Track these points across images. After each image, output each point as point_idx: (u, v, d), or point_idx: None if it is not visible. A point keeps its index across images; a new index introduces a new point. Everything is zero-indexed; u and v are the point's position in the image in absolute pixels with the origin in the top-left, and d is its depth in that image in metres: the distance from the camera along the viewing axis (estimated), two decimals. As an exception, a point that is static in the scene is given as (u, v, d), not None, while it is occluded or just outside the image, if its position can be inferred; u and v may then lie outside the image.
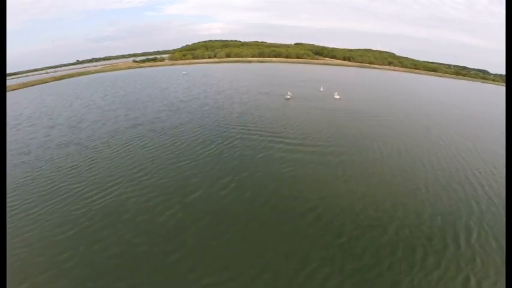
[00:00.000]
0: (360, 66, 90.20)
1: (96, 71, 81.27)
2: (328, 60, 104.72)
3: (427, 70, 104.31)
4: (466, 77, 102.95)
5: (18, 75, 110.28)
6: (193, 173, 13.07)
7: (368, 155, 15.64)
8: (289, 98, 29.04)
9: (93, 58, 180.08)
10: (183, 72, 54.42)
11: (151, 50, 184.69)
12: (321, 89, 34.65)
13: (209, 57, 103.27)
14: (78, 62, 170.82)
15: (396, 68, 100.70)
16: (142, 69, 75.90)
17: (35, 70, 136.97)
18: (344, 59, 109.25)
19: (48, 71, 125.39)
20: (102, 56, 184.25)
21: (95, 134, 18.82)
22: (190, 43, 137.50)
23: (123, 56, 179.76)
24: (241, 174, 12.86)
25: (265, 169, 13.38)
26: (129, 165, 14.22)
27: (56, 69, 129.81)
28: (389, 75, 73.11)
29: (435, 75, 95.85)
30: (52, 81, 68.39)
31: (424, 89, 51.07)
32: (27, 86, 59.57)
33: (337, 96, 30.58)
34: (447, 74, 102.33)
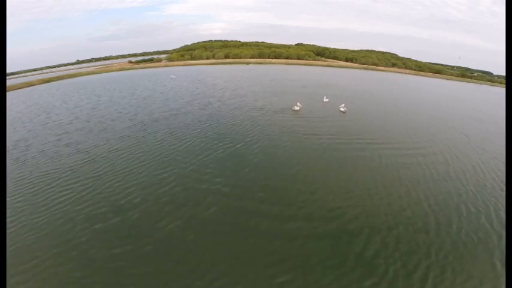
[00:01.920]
0: (365, 68, 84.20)
1: (88, 73, 76.08)
2: (330, 61, 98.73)
3: (431, 72, 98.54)
4: (472, 80, 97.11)
5: (15, 75, 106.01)
6: (132, 276, 7.76)
7: (415, 236, 9.68)
8: (298, 110, 24.58)
9: (93, 58, 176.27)
10: (172, 76, 48.79)
11: (151, 50, 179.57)
12: (325, 99, 29.02)
13: (207, 58, 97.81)
14: (78, 62, 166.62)
15: (401, 69, 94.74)
16: (134, 71, 70.19)
17: (34, 70, 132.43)
18: (346, 60, 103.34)
19: (46, 71, 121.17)
20: (103, 56, 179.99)
21: (30, 175, 13.51)
22: (189, 43, 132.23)
23: (122, 56, 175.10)
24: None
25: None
26: (51, 247, 8.94)
27: (52, 69, 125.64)
28: (395, 78, 67.23)
29: (441, 78, 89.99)
30: (39, 84, 63.34)
31: (440, 95, 44.77)
32: (10, 90, 54.39)
33: (343, 109, 25.41)
34: (453, 77, 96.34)
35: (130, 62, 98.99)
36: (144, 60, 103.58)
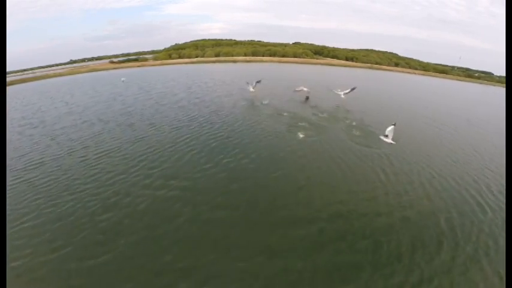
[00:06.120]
0: (369, 67, 70.33)
1: (55, 75, 62.89)
2: (330, 60, 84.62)
3: (436, 72, 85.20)
4: (481, 81, 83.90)
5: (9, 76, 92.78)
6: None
7: None
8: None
9: (85, 58, 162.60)
10: (122, 79, 36.40)
11: (148, 50, 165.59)
12: (341, 94, 17.78)
13: (196, 57, 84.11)
14: (71, 62, 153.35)
15: (407, 69, 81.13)
16: (104, 72, 56.81)
17: (24, 70, 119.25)
18: (347, 59, 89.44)
19: (28, 72, 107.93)
20: (96, 55, 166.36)
21: None
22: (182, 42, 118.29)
23: (115, 56, 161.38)
24: None
25: None
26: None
27: (35, 70, 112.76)
28: (408, 80, 53.58)
29: (450, 78, 76.66)
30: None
31: (487, 104, 31.46)
32: None
33: (389, 140, 12.19)
34: (461, 77, 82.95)
35: (111, 61, 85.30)
36: (128, 60, 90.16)
